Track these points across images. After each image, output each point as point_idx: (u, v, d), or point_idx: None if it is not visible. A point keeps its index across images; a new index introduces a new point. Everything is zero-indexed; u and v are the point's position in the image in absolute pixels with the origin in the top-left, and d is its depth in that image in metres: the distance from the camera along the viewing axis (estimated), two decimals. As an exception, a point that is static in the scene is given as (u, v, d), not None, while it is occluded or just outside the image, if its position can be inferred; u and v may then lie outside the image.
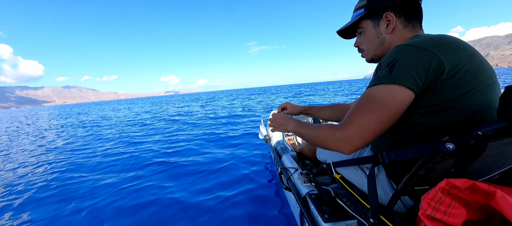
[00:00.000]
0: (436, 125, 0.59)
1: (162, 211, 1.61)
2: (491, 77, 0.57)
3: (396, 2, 0.68)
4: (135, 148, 3.63)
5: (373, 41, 0.76)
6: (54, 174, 2.63)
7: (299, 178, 1.06)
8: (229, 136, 3.94)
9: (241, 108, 9.08)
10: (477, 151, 0.48)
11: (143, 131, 5.19)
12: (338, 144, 0.61)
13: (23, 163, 3.29)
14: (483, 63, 0.57)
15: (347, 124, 0.60)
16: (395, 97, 0.55)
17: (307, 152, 1.42)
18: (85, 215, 1.65)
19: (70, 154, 3.65)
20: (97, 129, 6.36)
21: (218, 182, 2.02)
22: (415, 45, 0.56)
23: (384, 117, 0.56)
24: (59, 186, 2.23)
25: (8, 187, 2.34)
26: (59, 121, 9.75)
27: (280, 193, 1.71)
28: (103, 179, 2.32)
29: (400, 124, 0.64)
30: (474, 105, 0.55)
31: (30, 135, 6.50)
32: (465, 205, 0.46)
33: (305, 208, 0.89)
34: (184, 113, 9.21)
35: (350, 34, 0.89)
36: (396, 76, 0.55)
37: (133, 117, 8.85)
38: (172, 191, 1.91)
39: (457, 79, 0.54)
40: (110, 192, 1.98)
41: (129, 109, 11.22)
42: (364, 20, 0.76)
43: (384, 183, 0.74)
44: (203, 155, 2.87)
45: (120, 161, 2.93)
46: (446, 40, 0.56)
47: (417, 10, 0.70)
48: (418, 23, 0.72)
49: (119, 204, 1.76)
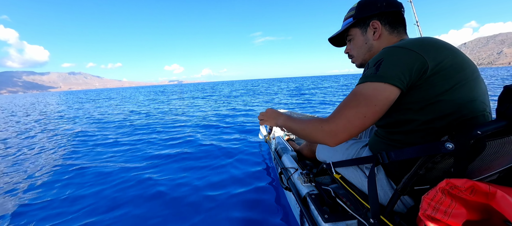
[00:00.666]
0: (428, 120, 0.61)
1: (159, 209, 1.61)
2: (474, 72, 0.61)
3: (381, 12, 0.77)
4: (138, 138, 3.68)
5: (362, 47, 0.84)
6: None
7: (299, 178, 1.06)
8: (229, 136, 3.94)
9: (242, 104, 9.09)
10: (476, 151, 0.48)
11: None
12: (324, 135, 0.65)
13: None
14: (465, 59, 0.61)
15: (333, 118, 0.64)
16: (380, 94, 0.59)
17: (307, 152, 1.42)
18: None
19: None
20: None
21: (217, 182, 2.02)
22: (400, 46, 0.61)
23: (369, 112, 0.59)
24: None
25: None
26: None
27: (280, 193, 1.71)
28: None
29: (394, 122, 0.67)
30: (460, 99, 0.58)
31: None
32: (465, 205, 0.46)
33: (305, 208, 0.89)
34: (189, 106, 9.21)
35: (341, 42, 0.97)
36: (381, 74, 0.59)
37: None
38: (170, 190, 1.90)
39: (441, 75, 0.57)
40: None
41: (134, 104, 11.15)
42: (353, 28, 0.84)
43: (383, 183, 0.74)
44: (202, 154, 2.87)
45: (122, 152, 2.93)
46: (428, 41, 0.61)
47: (401, 19, 0.78)
48: (402, 29, 0.79)
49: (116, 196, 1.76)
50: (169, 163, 2.59)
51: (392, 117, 0.67)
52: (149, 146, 3.44)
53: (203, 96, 14.44)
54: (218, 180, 2.07)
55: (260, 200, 1.66)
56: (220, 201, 1.68)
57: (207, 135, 4.15)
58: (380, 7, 0.76)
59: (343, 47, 0.97)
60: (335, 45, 1.00)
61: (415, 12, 2.99)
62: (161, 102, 11.63)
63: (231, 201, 1.67)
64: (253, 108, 7.63)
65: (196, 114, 6.72)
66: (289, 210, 1.47)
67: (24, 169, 2.66)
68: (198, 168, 2.43)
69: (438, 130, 0.60)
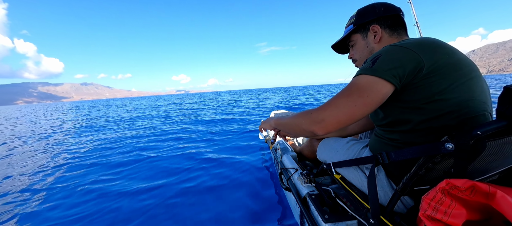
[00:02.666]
0: (426, 119, 0.61)
1: (155, 209, 1.61)
2: (471, 71, 0.61)
3: (380, 17, 0.80)
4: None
5: (364, 51, 0.87)
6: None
7: (299, 179, 1.06)
8: (228, 135, 3.94)
9: (241, 107, 9.09)
10: (476, 151, 0.48)
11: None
12: (311, 122, 0.67)
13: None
14: (462, 58, 0.61)
15: (324, 105, 0.66)
16: (373, 86, 0.60)
17: (307, 153, 1.42)
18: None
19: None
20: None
21: (217, 182, 2.02)
22: (398, 45, 0.63)
23: (359, 102, 0.60)
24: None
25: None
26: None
27: (280, 194, 1.71)
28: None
29: (394, 122, 0.68)
30: (457, 98, 0.58)
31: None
32: (465, 206, 0.46)
33: (305, 208, 0.89)
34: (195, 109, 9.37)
35: (343, 49, 1.02)
36: (376, 68, 0.60)
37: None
38: (167, 190, 1.90)
39: (438, 74, 0.58)
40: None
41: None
42: (354, 34, 0.88)
43: (384, 183, 0.74)
44: (201, 155, 2.86)
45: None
46: (427, 41, 0.63)
47: (400, 21, 0.81)
48: (403, 31, 0.81)
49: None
50: (159, 168, 2.59)
51: (391, 116, 0.68)
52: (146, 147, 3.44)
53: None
54: (217, 180, 2.07)
55: (260, 200, 1.65)
56: (219, 201, 1.68)
57: (205, 135, 4.14)
58: (378, 13, 0.80)
59: (346, 54, 1.02)
60: (338, 52, 1.04)
61: (415, 13, 2.99)
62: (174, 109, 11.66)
63: (231, 201, 1.67)
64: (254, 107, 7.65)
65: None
66: (289, 210, 1.47)
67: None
68: (197, 168, 2.43)
69: (437, 130, 0.60)
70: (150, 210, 1.64)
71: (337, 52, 1.05)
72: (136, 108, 13.20)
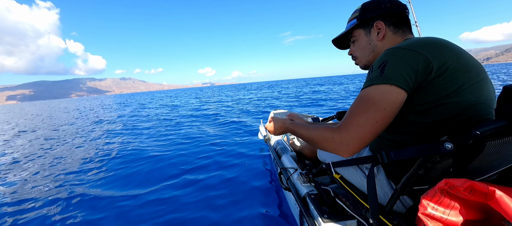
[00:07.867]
0: (431, 122, 0.60)
1: (153, 210, 1.61)
2: (479, 73, 0.59)
3: (385, 13, 0.76)
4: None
5: (366, 48, 0.82)
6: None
7: (299, 178, 1.06)
8: (228, 135, 3.94)
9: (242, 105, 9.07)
10: (475, 151, 0.48)
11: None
12: (336, 146, 0.62)
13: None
14: (470, 60, 0.59)
15: (344, 126, 0.61)
16: (388, 96, 0.57)
17: (307, 152, 1.42)
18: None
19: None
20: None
21: (217, 182, 2.02)
22: (404, 47, 0.59)
23: (379, 117, 0.57)
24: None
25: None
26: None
27: (280, 193, 1.71)
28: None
29: (396, 123, 0.66)
30: (465, 102, 0.57)
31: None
32: (464, 205, 0.46)
33: (305, 208, 0.89)
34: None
35: (344, 45, 0.97)
36: (387, 76, 0.57)
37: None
38: (166, 190, 1.90)
39: (445, 77, 0.56)
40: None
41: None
42: (357, 29, 0.83)
43: (383, 183, 0.74)
44: (200, 154, 2.86)
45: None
46: (432, 41, 0.60)
47: (405, 19, 0.77)
48: (407, 28, 0.78)
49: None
50: (160, 169, 2.60)
51: (394, 118, 0.65)
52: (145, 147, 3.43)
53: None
54: (217, 180, 2.07)
55: (260, 200, 1.65)
56: (219, 201, 1.68)
57: (205, 135, 4.14)
58: (384, 8, 0.76)
59: (346, 49, 0.96)
60: (338, 47, 0.99)
61: (414, 12, 2.99)
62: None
63: (230, 201, 1.67)
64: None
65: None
66: (288, 210, 1.47)
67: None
68: (196, 168, 2.42)
69: (439, 132, 0.59)
70: (149, 210, 1.64)
71: (337, 47, 0.99)
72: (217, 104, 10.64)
